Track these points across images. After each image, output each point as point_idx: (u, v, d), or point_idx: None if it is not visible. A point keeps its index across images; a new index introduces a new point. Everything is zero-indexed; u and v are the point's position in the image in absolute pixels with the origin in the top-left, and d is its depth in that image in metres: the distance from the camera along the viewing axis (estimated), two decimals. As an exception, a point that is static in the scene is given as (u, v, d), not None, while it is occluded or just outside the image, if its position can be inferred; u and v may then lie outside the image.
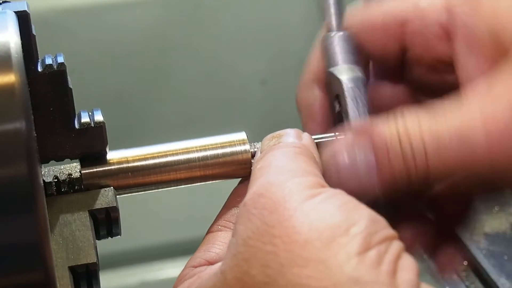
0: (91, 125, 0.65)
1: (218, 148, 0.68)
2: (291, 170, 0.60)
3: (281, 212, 0.57)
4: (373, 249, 0.55)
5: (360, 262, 0.54)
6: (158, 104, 1.64)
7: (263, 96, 1.67)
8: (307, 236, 0.55)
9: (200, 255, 0.65)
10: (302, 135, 0.66)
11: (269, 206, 0.57)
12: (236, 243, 0.58)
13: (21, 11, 0.62)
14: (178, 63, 1.62)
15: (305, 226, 0.56)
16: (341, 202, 0.57)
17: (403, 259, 0.56)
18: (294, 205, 0.57)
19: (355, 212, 0.57)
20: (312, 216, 0.56)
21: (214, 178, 0.69)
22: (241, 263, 0.57)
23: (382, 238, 0.56)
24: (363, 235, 0.55)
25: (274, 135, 0.67)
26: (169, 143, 0.68)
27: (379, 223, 0.57)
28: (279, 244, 0.56)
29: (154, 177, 0.67)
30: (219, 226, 0.67)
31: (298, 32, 1.66)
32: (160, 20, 1.58)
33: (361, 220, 0.56)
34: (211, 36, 1.61)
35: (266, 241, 0.56)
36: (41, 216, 0.55)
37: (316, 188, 0.59)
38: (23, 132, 0.54)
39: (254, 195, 0.59)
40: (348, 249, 0.55)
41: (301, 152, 0.63)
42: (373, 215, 0.57)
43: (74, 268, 0.63)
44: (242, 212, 0.59)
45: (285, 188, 0.58)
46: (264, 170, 0.61)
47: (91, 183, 0.66)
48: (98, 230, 0.66)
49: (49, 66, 0.63)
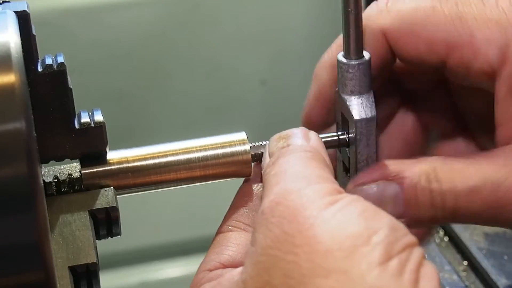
0: (91, 125, 0.65)
1: (218, 148, 0.68)
2: (307, 177, 0.60)
3: (300, 221, 0.56)
4: (395, 258, 0.55)
5: (382, 272, 0.54)
6: (158, 104, 1.64)
7: (263, 96, 1.67)
8: (328, 245, 0.55)
9: (213, 257, 0.65)
10: (310, 135, 0.66)
11: (288, 214, 0.57)
12: (255, 252, 0.58)
13: (21, 11, 0.62)
14: (178, 63, 1.61)
15: (326, 235, 0.55)
16: (360, 209, 0.57)
17: (424, 267, 0.56)
18: (313, 213, 0.57)
19: (376, 220, 0.57)
20: (332, 225, 0.56)
21: (214, 178, 0.69)
22: (262, 272, 0.57)
23: (404, 246, 0.56)
24: (384, 244, 0.55)
25: (281, 135, 0.67)
26: (169, 143, 0.68)
27: (400, 231, 0.57)
28: (300, 254, 0.55)
29: (154, 177, 0.67)
30: (229, 226, 0.67)
31: (298, 32, 1.66)
32: (160, 20, 1.58)
33: (382, 228, 0.56)
34: (211, 36, 1.61)
35: (287, 251, 0.56)
36: (41, 216, 0.55)
37: (333, 194, 0.58)
38: (23, 132, 0.54)
39: (272, 203, 0.59)
40: (369, 259, 0.54)
41: (312, 157, 0.63)
42: (394, 222, 0.57)
43: (74, 268, 0.63)
44: (260, 221, 0.59)
45: (303, 196, 0.58)
46: (279, 177, 0.61)
47: (91, 183, 0.66)
48: (98, 230, 0.66)
49: (49, 66, 0.63)
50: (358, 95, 0.69)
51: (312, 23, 1.66)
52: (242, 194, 0.69)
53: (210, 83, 1.64)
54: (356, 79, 0.69)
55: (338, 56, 0.71)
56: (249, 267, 0.58)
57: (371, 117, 0.69)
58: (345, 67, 0.70)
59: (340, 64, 0.70)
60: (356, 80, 0.69)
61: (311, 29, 1.66)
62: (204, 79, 1.64)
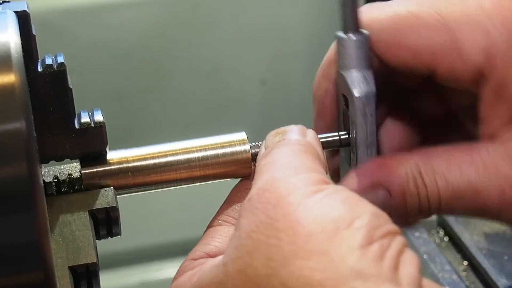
0: (91, 125, 0.65)
1: (218, 148, 0.68)
2: (296, 167, 0.61)
3: (285, 206, 0.57)
4: (376, 243, 0.55)
5: (363, 255, 0.54)
6: (158, 104, 1.64)
7: (263, 96, 1.67)
8: (311, 228, 0.56)
9: (199, 248, 0.66)
10: (307, 132, 0.67)
11: (273, 200, 0.58)
12: (239, 236, 0.58)
13: (21, 11, 0.62)
14: (178, 63, 1.62)
15: (309, 219, 0.56)
16: (344, 196, 0.58)
17: (405, 254, 0.56)
18: (298, 199, 0.57)
19: (359, 206, 0.57)
20: (316, 210, 0.57)
21: (214, 178, 0.69)
22: (244, 255, 0.57)
23: (385, 233, 0.56)
24: (366, 229, 0.56)
25: (278, 131, 0.67)
26: (169, 143, 0.68)
27: (382, 218, 0.57)
28: (283, 237, 0.56)
29: (154, 177, 0.67)
30: (220, 220, 0.68)
31: (298, 32, 1.66)
32: (160, 20, 1.58)
33: (365, 214, 0.56)
34: (211, 36, 1.61)
35: (270, 234, 0.56)
36: (41, 216, 0.55)
37: (320, 184, 0.59)
38: (23, 132, 0.54)
39: (259, 190, 0.59)
40: (351, 242, 0.55)
41: (305, 150, 0.63)
42: (376, 210, 0.58)
43: (74, 268, 0.63)
44: (246, 207, 0.59)
45: (289, 183, 0.59)
46: (269, 166, 0.62)
47: (91, 183, 0.66)
48: (98, 230, 0.66)
49: (49, 66, 0.63)
50: (357, 71, 0.69)
51: (312, 23, 1.66)
52: (237, 190, 0.69)
53: (210, 83, 1.64)
54: (355, 54, 0.69)
55: (337, 32, 0.71)
56: (230, 250, 0.58)
57: (371, 92, 0.69)
58: (344, 42, 0.70)
59: (339, 40, 0.70)
60: (355, 56, 0.69)
61: (311, 29, 1.66)
62: (204, 79, 1.64)
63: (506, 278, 0.97)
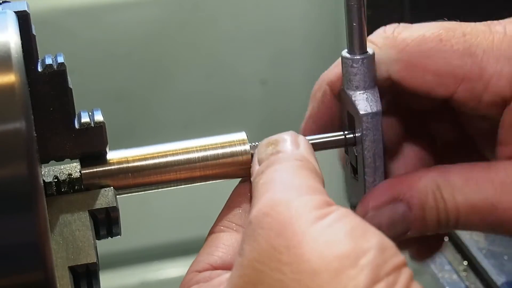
0: (91, 125, 0.65)
1: (218, 148, 0.68)
2: (297, 187, 0.59)
3: (288, 236, 0.56)
4: (382, 282, 0.54)
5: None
6: (158, 104, 1.64)
7: (263, 96, 1.67)
8: (316, 265, 0.55)
9: (203, 259, 0.65)
10: (299, 140, 0.66)
11: (275, 227, 0.57)
12: (242, 264, 0.57)
13: (21, 11, 0.62)
14: (178, 63, 1.61)
15: (313, 254, 0.55)
16: (349, 227, 0.56)
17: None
18: (302, 228, 0.56)
19: (364, 239, 0.56)
20: (320, 243, 0.55)
21: (214, 178, 0.69)
22: (247, 286, 0.56)
23: (392, 268, 0.55)
24: (371, 267, 0.54)
25: (270, 141, 0.66)
26: (169, 143, 0.68)
27: (389, 251, 0.56)
28: (287, 273, 0.55)
29: (154, 177, 0.67)
30: (221, 227, 0.67)
31: (298, 32, 1.66)
32: (160, 20, 1.58)
33: (370, 249, 0.55)
34: (211, 36, 1.61)
35: (274, 267, 0.56)
36: (41, 216, 0.55)
37: (323, 208, 0.58)
38: (23, 132, 0.54)
39: (259, 213, 0.58)
40: (356, 282, 0.54)
41: (303, 166, 0.62)
42: (383, 242, 0.56)
43: (74, 268, 0.63)
44: (248, 231, 0.58)
45: (291, 208, 0.57)
46: (268, 186, 0.60)
47: (91, 183, 0.66)
48: (98, 230, 0.66)
49: (49, 66, 0.63)
50: (363, 90, 0.69)
51: (312, 23, 1.66)
52: (236, 194, 0.69)
53: (210, 83, 1.64)
54: (361, 74, 0.69)
55: (342, 52, 0.71)
56: (235, 279, 0.58)
57: (377, 112, 0.69)
58: (349, 62, 0.70)
59: (344, 60, 0.70)
60: (361, 75, 0.69)
61: (311, 29, 1.66)
62: (204, 79, 1.64)
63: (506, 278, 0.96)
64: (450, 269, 1.01)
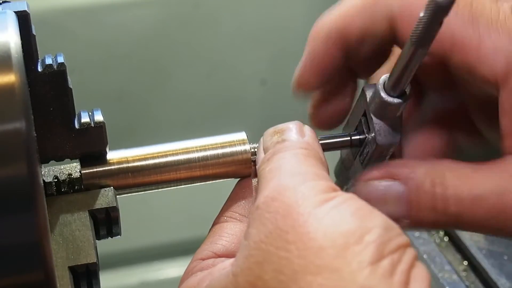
0: (91, 125, 0.65)
1: (218, 148, 0.68)
2: (303, 174, 0.60)
3: (294, 217, 0.57)
4: (386, 258, 0.55)
5: (373, 271, 0.54)
6: (158, 104, 1.64)
7: (263, 96, 1.67)
8: (321, 243, 0.55)
9: (207, 247, 0.65)
10: (304, 130, 0.66)
11: (282, 210, 0.57)
12: (248, 246, 0.58)
13: (21, 11, 0.62)
14: (178, 63, 1.62)
15: (319, 232, 0.56)
16: (354, 208, 0.57)
17: (416, 269, 0.56)
18: (307, 210, 0.57)
19: (369, 219, 0.56)
20: (326, 222, 0.56)
21: (214, 178, 0.69)
22: (253, 266, 0.57)
23: (396, 247, 0.56)
24: (376, 244, 0.55)
25: (276, 129, 0.66)
26: (169, 143, 0.68)
27: (393, 231, 0.57)
28: (293, 250, 0.56)
29: (154, 177, 0.67)
30: (225, 217, 0.67)
31: (298, 32, 1.66)
32: (160, 20, 1.58)
33: (375, 227, 0.56)
34: (211, 36, 1.61)
35: (280, 246, 0.56)
36: (41, 216, 0.55)
37: (328, 192, 0.58)
38: (23, 132, 0.54)
39: (267, 199, 0.59)
40: (361, 258, 0.54)
41: (309, 154, 0.63)
42: (387, 222, 0.57)
43: (74, 268, 0.63)
44: (255, 216, 0.59)
45: (298, 192, 0.58)
46: (274, 172, 0.61)
47: (91, 183, 0.66)
48: (98, 230, 0.66)
49: (49, 66, 0.63)
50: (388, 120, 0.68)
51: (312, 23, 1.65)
52: (240, 186, 0.69)
53: (210, 83, 1.64)
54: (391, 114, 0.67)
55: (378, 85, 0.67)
56: (240, 260, 0.58)
57: (393, 142, 0.68)
58: (384, 103, 0.67)
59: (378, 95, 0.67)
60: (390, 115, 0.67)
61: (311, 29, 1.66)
62: (204, 79, 1.64)
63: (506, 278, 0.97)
64: (450, 269, 1.01)
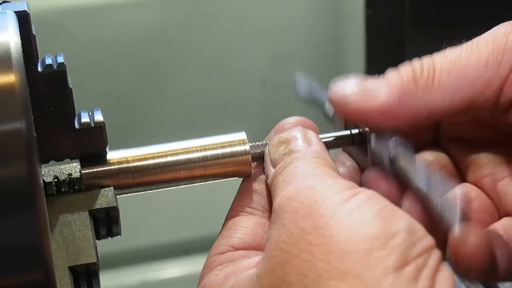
0: (91, 125, 0.65)
1: (218, 148, 0.68)
2: (318, 176, 0.59)
3: (316, 218, 0.56)
4: (411, 264, 0.54)
5: (398, 278, 0.53)
6: (158, 104, 1.64)
7: (263, 96, 1.67)
8: (344, 247, 0.54)
9: (223, 241, 0.65)
10: (309, 136, 0.65)
11: (302, 210, 0.57)
12: (270, 248, 0.57)
13: (21, 11, 0.62)
14: (178, 62, 1.62)
15: (342, 235, 0.55)
16: (377, 208, 0.56)
17: (441, 273, 0.55)
18: (329, 210, 0.56)
19: (393, 220, 0.55)
20: (348, 225, 0.55)
21: (214, 178, 0.69)
22: (276, 268, 0.56)
23: (421, 251, 0.55)
24: (401, 249, 0.54)
25: (280, 140, 0.65)
26: (169, 143, 0.68)
27: (418, 233, 0.56)
28: (316, 253, 0.55)
29: (154, 177, 0.67)
30: (237, 211, 0.67)
31: (298, 32, 1.66)
32: (160, 20, 1.58)
33: (400, 231, 0.55)
34: (211, 35, 1.61)
35: (303, 248, 0.55)
36: (41, 216, 0.55)
37: (349, 189, 0.57)
38: (23, 132, 0.54)
39: (283, 199, 0.58)
40: (385, 264, 0.53)
41: (322, 163, 0.62)
42: (412, 224, 0.56)
43: (74, 268, 0.63)
44: (273, 218, 0.58)
45: (317, 191, 0.57)
46: (289, 180, 0.60)
47: (91, 183, 0.66)
48: (98, 230, 0.66)
49: (49, 66, 0.63)
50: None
51: (312, 23, 1.66)
52: (250, 180, 0.68)
53: (210, 83, 1.64)
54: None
55: None
56: (263, 262, 0.57)
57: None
58: None
59: None
60: None
61: (311, 29, 1.66)
62: (204, 79, 1.64)
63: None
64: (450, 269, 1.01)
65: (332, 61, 1.67)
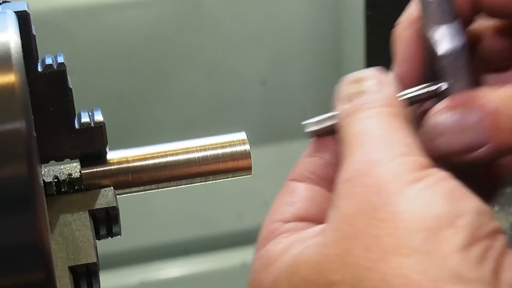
0: (91, 125, 0.65)
1: (218, 148, 0.68)
2: (391, 147, 0.58)
3: (386, 196, 0.55)
4: (478, 244, 0.53)
5: (464, 257, 0.53)
6: (158, 104, 1.64)
7: (263, 96, 1.67)
8: (412, 224, 0.54)
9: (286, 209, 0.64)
10: (386, 80, 0.63)
11: (373, 187, 0.56)
12: (337, 219, 0.57)
13: (21, 11, 0.62)
14: (178, 63, 1.62)
15: (410, 213, 0.54)
16: (447, 189, 0.56)
17: (507, 256, 0.54)
18: (399, 189, 0.56)
19: (462, 202, 0.55)
20: (418, 203, 0.55)
21: (214, 178, 0.69)
22: (342, 240, 0.56)
23: (488, 232, 0.54)
24: (469, 228, 0.54)
25: (353, 79, 0.63)
26: (169, 143, 0.68)
27: (486, 215, 0.55)
28: (383, 229, 0.55)
29: (154, 177, 0.67)
30: (302, 175, 0.65)
31: (298, 32, 1.66)
32: (160, 20, 1.58)
33: (468, 212, 0.54)
34: (211, 36, 1.62)
35: (370, 223, 0.55)
36: (41, 216, 0.55)
37: (421, 170, 0.57)
38: (23, 132, 0.54)
39: (356, 172, 0.57)
40: (452, 242, 0.53)
41: (392, 114, 0.60)
42: (480, 206, 0.55)
43: (74, 268, 0.63)
44: (343, 188, 0.58)
45: (389, 169, 0.57)
46: (360, 138, 0.59)
47: (91, 183, 0.66)
48: (98, 230, 0.66)
49: (49, 66, 0.63)
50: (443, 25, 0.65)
51: (312, 23, 1.66)
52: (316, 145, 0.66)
53: (210, 83, 1.65)
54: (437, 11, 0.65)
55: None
56: (329, 232, 0.57)
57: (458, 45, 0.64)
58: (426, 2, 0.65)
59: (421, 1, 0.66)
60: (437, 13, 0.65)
61: (311, 29, 1.66)
62: (204, 79, 1.64)
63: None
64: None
65: (332, 61, 1.67)
